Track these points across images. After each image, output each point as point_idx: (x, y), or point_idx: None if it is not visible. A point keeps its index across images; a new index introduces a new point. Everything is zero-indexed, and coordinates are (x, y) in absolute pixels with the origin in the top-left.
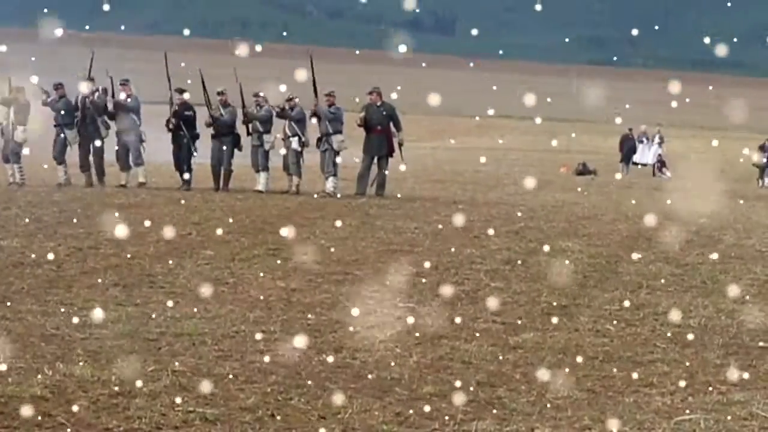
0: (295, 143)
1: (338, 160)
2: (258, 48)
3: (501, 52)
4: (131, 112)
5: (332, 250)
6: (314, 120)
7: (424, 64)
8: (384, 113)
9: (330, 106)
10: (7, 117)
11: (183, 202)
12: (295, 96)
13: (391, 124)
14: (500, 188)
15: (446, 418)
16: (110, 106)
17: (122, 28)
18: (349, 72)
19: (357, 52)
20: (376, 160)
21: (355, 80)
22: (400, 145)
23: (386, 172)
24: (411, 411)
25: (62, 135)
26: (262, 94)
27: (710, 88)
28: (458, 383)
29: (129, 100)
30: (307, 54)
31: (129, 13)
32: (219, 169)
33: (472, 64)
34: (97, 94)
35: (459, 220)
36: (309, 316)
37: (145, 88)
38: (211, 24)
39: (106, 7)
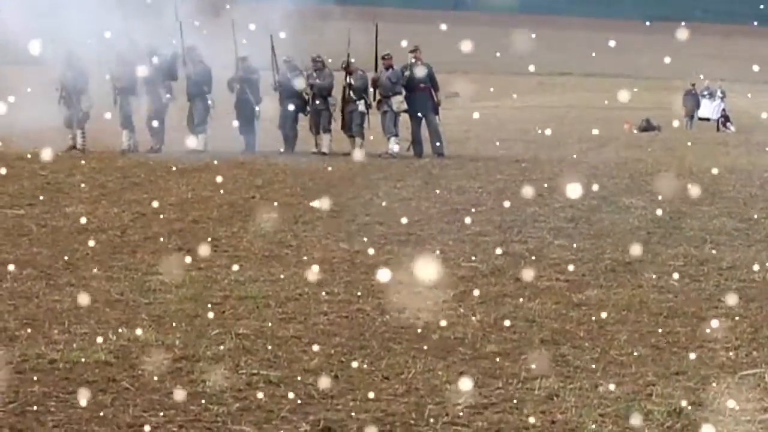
0: (361, 105)
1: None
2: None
3: (560, 9)
4: (198, 79)
5: (395, 210)
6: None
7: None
8: (426, 71)
9: (387, 69)
10: (66, 86)
11: (246, 165)
12: (352, 60)
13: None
14: (563, 146)
15: (510, 376)
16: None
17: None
18: (408, 32)
19: (416, 12)
20: (423, 119)
21: (417, 41)
22: (438, 104)
23: (440, 127)
24: (474, 370)
25: (124, 100)
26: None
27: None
28: (522, 342)
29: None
30: (367, 17)
31: None
32: (288, 132)
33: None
34: (155, 58)
35: (522, 178)
36: (372, 277)
37: None
38: None
39: None
